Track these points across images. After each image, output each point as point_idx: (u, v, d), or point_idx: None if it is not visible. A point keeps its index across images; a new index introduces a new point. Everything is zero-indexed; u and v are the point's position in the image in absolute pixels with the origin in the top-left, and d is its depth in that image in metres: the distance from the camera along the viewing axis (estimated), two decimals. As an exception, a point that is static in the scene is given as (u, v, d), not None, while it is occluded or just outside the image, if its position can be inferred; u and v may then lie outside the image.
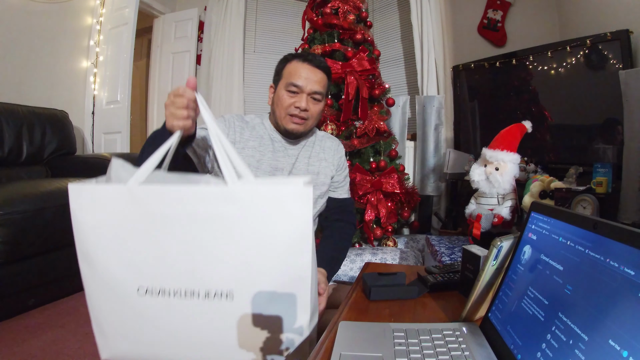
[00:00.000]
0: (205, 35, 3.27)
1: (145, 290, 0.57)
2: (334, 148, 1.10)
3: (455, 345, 0.46)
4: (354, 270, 1.67)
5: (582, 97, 1.93)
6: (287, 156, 1.02)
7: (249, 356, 0.58)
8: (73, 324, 1.37)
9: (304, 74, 0.95)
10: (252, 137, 1.01)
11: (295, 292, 0.56)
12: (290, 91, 0.96)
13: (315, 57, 0.98)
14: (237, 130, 0.99)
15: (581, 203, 1.25)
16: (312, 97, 0.97)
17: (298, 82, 0.95)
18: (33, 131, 2.10)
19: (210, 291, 0.56)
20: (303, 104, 0.95)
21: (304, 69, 0.96)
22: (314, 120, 1.00)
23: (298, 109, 0.95)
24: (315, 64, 0.97)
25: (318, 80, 0.96)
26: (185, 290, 0.56)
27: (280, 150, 1.02)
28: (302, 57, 0.98)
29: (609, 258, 0.33)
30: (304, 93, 0.95)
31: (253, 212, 0.55)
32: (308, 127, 1.00)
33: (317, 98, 0.97)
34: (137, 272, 0.57)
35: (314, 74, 0.96)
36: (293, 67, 0.97)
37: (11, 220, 1.32)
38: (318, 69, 0.97)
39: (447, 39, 2.68)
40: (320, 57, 1.01)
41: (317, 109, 0.99)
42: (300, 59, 0.98)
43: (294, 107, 0.95)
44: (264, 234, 0.55)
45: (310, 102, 0.97)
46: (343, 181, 1.11)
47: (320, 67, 0.98)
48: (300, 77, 0.95)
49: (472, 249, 0.66)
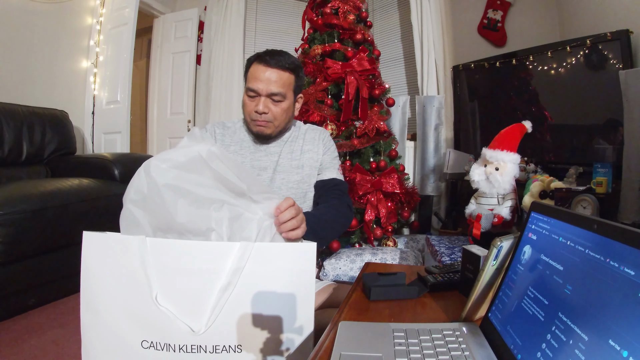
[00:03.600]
0: (205, 36, 3.27)
1: (150, 344, 0.56)
2: (317, 137, 1.09)
3: (455, 345, 0.46)
4: (354, 270, 1.67)
5: (582, 97, 1.93)
6: (268, 154, 1.03)
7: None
8: (73, 324, 1.37)
9: (260, 75, 0.94)
10: (233, 141, 1.03)
11: (298, 338, 0.58)
12: (249, 96, 0.96)
13: (273, 57, 0.96)
14: (217, 138, 1.02)
15: (581, 203, 1.25)
16: (271, 98, 0.95)
17: (254, 86, 0.94)
18: (33, 131, 2.10)
19: (218, 346, 0.56)
20: (260, 107, 0.94)
21: (261, 71, 0.95)
22: (280, 119, 0.98)
23: (257, 113, 0.95)
24: (272, 64, 0.95)
25: (275, 80, 0.95)
26: (192, 346, 0.56)
27: (262, 150, 1.03)
28: (259, 59, 0.97)
29: (609, 258, 0.33)
30: (262, 96, 0.95)
31: (262, 268, 0.57)
32: (276, 128, 1.00)
33: (276, 99, 0.96)
34: (143, 326, 0.56)
35: (271, 74, 0.94)
36: (252, 70, 0.97)
37: (11, 220, 1.32)
38: (275, 69, 0.95)
39: (447, 39, 2.68)
40: (281, 55, 0.97)
41: (279, 110, 0.97)
42: (258, 60, 0.97)
43: (254, 112, 0.96)
44: (271, 288, 0.57)
45: (270, 103, 0.96)
46: (330, 162, 1.08)
47: (279, 65, 0.95)
48: (257, 79, 0.94)
49: (472, 249, 0.66)
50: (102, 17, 2.86)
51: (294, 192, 1.02)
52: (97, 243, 0.58)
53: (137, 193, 0.60)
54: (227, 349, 0.56)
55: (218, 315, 0.56)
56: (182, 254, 0.56)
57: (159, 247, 0.56)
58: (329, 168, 1.08)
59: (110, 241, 0.58)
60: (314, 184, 1.06)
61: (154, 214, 0.60)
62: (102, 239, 0.58)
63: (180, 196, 0.59)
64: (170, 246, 0.57)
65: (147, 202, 0.60)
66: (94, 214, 1.63)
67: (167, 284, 0.56)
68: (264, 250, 0.57)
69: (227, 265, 0.56)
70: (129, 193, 0.61)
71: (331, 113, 2.05)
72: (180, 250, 0.56)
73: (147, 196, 0.59)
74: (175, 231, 0.59)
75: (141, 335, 0.56)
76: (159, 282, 0.56)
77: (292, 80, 0.99)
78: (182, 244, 0.57)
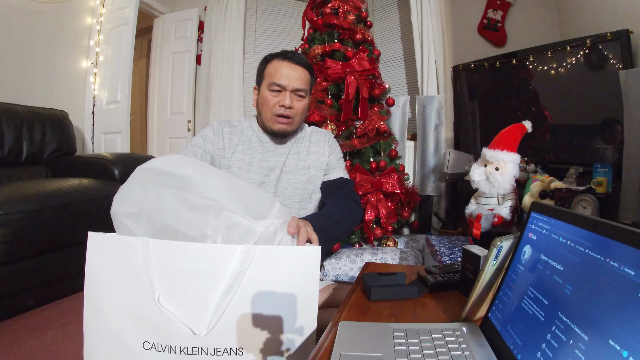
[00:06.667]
0: (205, 35, 3.27)
1: (151, 345, 0.56)
2: (322, 139, 1.10)
3: (455, 345, 0.46)
4: (354, 270, 1.67)
5: (582, 97, 1.92)
6: (277, 155, 1.03)
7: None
8: (73, 324, 1.37)
9: (285, 72, 0.96)
10: (241, 140, 1.02)
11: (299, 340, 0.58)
12: (273, 90, 0.96)
13: (295, 55, 0.98)
14: (225, 136, 1.01)
15: (581, 203, 1.24)
16: (295, 94, 0.97)
17: (280, 81, 0.95)
18: (33, 131, 2.09)
19: (219, 349, 0.56)
20: (287, 101, 0.95)
21: (285, 67, 0.96)
22: (299, 117, 1.01)
23: (283, 107, 0.96)
24: (295, 61, 0.97)
25: (300, 77, 0.97)
26: (193, 348, 0.56)
27: (270, 150, 1.03)
28: (281, 56, 0.98)
29: (609, 258, 0.33)
30: (287, 91, 0.96)
31: (265, 272, 0.57)
32: (294, 126, 1.01)
33: (300, 95, 0.98)
34: (145, 327, 0.56)
35: (295, 71, 0.96)
36: (274, 66, 0.97)
37: (11, 220, 1.32)
38: (299, 66, 0.97)
39: (447, 39, 2.68)
40: (300, 54, 1.00)
41: (301, 106, 0.99)
42: (280, 57, 0.98)
43: (278, 106, 0.96)
44: (274, 292, 0.56)
45: (294, 99, 0.97)
46: (336, 163, 1.10)
47: (301, 63, 0.98)
48: (282, 75, 0.95)
49: (472, 249, 0.66)
50: (102, 17, 2.86)
51: (300, 192, 1.03)
52: (102, 243, 0.58)
53: (131, 203, 0.60)
54: (229, 352, 0.56)
55: (220, 319, 0.55)
56: (185, 256, 0.56)
57: (162, 249, 0.56)
58: (336, 168, 1.10)
59: (114, 242, 0.58)
60: (322, 184, 1.07)
61: (149, 220, 0.59)
62: (107, 240, 0.58)
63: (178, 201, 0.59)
64: (173, 248, 0.57)
65: (142, 209, 0.60)
66: (94, 214, 1.63)
67: (170, 285, 0.56)
68: (267, 253, 0.57)
69: (229, 268, 0.55)
70: (120, 205, 0.62)
71: (331, 113, 2.05)
72: (183, 252, 0.56)
73: (143, 202, 0.59)
74: (171, 236, 0.59)
75: (143, 336, 0.56)
76: (162, 283, 0.56)
77: (310, 79, 1.01)
78: (185, 245, 0.57)
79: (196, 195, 0.61)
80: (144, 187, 0.61)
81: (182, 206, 0.59)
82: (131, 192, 0.62)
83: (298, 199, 1.02)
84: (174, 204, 0.59)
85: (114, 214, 0.63)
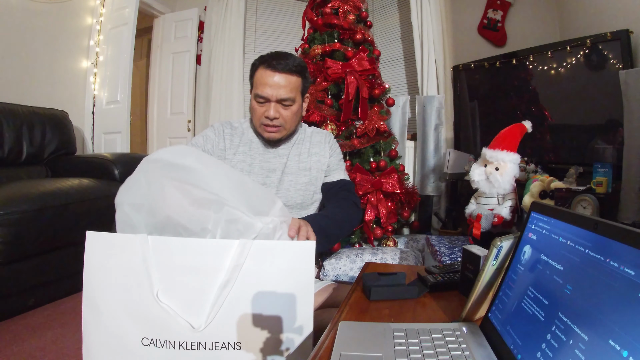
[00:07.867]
0: (205, 35, 3.27)
1: (150, 341, 0.56)
2: (323, 140, 1.10)
3: (455, 345, 0.46)
4: (354, 270, 1.67)
5: (582, 97, 1.93)
6: (278, 156, 1.03)
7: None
8: (73, 324, 1.37)
9: (268, 81, 0.93)
10: (242, 142, 1.02)
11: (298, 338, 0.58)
12: (259, 102, 0.95)
13: (280, 61, 0.94)
14: (226, 137, 1.01)
15: (581, 203, 1.25)
16: (281, 104, 0.95)
17: (264, 93, 0.93)
18: (33, 131, 2.09)
19: (218, 343, 0.56)
20: (272, 112, 0.94)
21: (269, 76, 0.93)
22: (290, 122, 0.99)
23: (268, 119, 0.95)
24: (280, 69, 0.93)
25: (285, 86, 0.94)
26: (192, 343, 0.56)
27: (271, 152, 1.03)
28: (266, 63, 0.95)
29: (609, 258, 0.33)
30: (272, 102, 0.94)
31: (261, 266, 0.57)
32: (286, 131, 1.00)
33: (286, 104, 0.96)
34: (144, 323, 0.57)
35: (280, 79, 0.93)
36: (259, 75, 0.95)
37: (11, 220, 1.32)
38: (284, 74, 0.94)
39: (447, 39, 2.68)
40: (287, 59, 0.95)
41: (289, 113, 0.97)
42: (264, 65, 0.95)
43: (264, 117, 0.95)
44: (270, 286, 0.57)
45: (280, 108, 0.95)
46: (337, 164, 1.10)
47: (286, 69, 0.94)
48: (265, 85, 0.93)
49: (472, 249, 0.66)
50: (102, 17, 2.86)
51: (302, 193, 1.03)
52: (100, 242, 0.58)
53: (135, 194, 0.61)
54: (227, 346, 0.56)
55: (217, 312, 0.56)
56: (183, 251, 0.57)
57: (160, 245, 0.57)
58: (337, 170, 1.10)
59: (113, 240, 0.58)
60: (322, 186, 1.07)
61: (151, 212, 0.60)
62: (105, 239, 0.58)
63: (181, 194, 0.60)
64: (171, 244, 0.57)
65: (146, 200, 0.60)
66: (94, 214, 1.63)
67: (168, 281, 0.57)
68: (262, 247, 0.58)
69: (226, 262, 0.56)
70: (125, 195, 0.62)
71: (331, 113, 2.05)
72: (181, 248, 0.57)
73: (147, 194, 0.60)
74: (172, 228, 0.60)
75: (142, 332, 0.57)
76: (160, 279, 0.56)
77: (300, 83, 0.98)
78: (183, 241, 0.58)
79: (200, 188, 0.62)
80: (149, 179, 0.63)
81: (185, 199, 0.60)
82: (136, 183, 0.64)
83: (300, 199, 1.03)
84: (178, 197, 0.60)
85: (118, 202, 0.64)
